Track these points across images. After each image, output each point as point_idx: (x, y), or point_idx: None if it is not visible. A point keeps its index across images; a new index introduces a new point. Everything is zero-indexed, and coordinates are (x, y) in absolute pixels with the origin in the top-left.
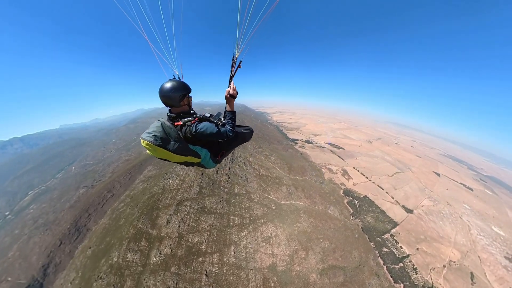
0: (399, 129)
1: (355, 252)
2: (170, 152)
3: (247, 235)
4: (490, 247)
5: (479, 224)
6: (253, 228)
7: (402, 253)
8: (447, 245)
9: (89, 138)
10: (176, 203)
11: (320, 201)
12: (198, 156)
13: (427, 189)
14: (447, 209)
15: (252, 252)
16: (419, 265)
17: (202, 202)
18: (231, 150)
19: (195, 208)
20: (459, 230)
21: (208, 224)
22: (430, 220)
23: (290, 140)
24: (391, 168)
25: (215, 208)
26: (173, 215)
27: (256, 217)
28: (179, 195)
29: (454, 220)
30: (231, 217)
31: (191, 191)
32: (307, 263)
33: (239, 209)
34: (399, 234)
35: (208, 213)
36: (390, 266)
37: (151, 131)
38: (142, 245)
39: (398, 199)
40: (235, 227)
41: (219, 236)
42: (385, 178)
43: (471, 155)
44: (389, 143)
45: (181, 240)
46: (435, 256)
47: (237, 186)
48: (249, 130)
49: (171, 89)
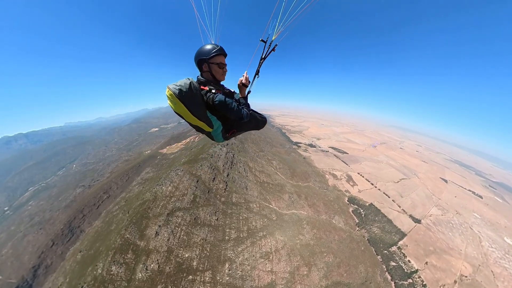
0: (403, 133)
1: (361, 267)
2: (187, 111)
3: (244, 251)
4: (503, 261)
5: (490, 235)
6: (251, 242)
7: (410, 267)
8: (457, 257)
9: (92, 137)
10: (166, 213)
11: (324, 210)
12: (211, 126)
13: (435, 197)
14: (456, 218)
15: (249, 269)
16: (429, 281)
17: (196, 213)
18: (242, 132)
19: (187, 220)
20: (469, 241)
21: (200, 238)
22: (439, 230)
23: (293, 143)
24: (396, 174)
25: (210, 220)
26: (163, 227)
27: (254, 230)
28: (171, 204)
29: (464, 230)
30: (227, 230)
31: (184, 200)
32: (309, 280)
33: (236, 221)
34: (407, 247)
35: (202, 226)
36: (398, 282)
37: (178, 84)
38: (128, 257)
39: (405, 208)
40: (231, 242)
41: (213, 252)
42: (391, 185)
43: (478, 160)
44: (393, 147)
45: (170, 255)
46: (445, 270)
47: (235, 194)
48: (263, 118)
49: (195, 55)
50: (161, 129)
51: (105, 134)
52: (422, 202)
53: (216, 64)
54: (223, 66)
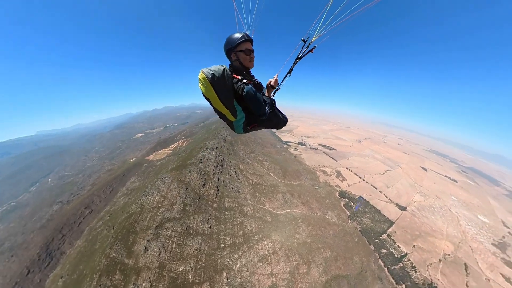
0: (386, 128)
1: (356, 258)
2: (216, 96)
3: (241, 257)
4: (479, 236)
5: (466, 215)
6: (248, 247)
7: (400, 252)
8: (440, 238)
9: (69, 146)
10: (155, 226)
11: (317, 206)
12: (235, 115)
13: (417, 184)
14: (436, 202)
15: (248, 275)
16: (417, 262)
17: (187, 223)
18: (262, 127)
19: (178, 231)
20: (449, 222)
21: (194, 249)
22: (423, 215)
23: (284, 142)
24: (382, 166)
25: (202, 229)
26: (152, 241)
27: (250, 234)
28: (159, 215)
29: (444, 213)
30: (222, 237)
31: (173, 210)
32: (310, 277)
33: (231, 226)
34: (395, 233)
35: (194, 235)
36: (390, 267)
37: (213, 69)
38: (116, 279)
39: (391, 197)
40: (227, 249)
41: (209, 262)
42: (378, 177)
43: (451, 149)
44: (377, 142)
45: (163, 271)
46: (430, 251)
47: (227, 199)
48: (285, 118)
49: (223, 46)
50: (147, 135)
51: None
52: (406, 191)
53: (242, 51)
54: (249, 53)
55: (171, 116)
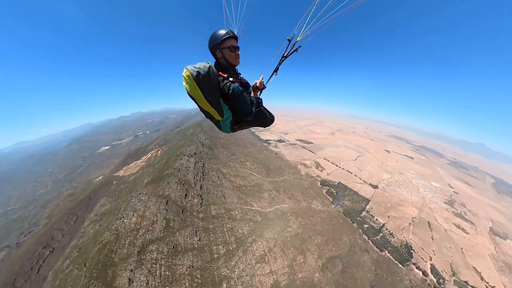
0: (353, 120)
1: (344, 237)
2: (202, 95)
3: (238, 263)
4: (434, 198)
5: (423, 183)
6: (243, 251)
7: (379, 224)
8: (407, 206)
9: (11, 171)
10: (137, 251)
11: (302, 198)
12: (222, 115)
13: (383, 165)
14: (400, 177)
15: (249, 279)
16: (393, 229)
17: (173, 240)
18: (249, 126)
19: (164, 252)
20: (412, 192)
21: (186, 267)
22: (391, 190)
23: (264, 141)
24: (353, 153)
25: (192, 243)
26: (136, 270)
27: (243, 237)
28: (140, 239)
29: (407, 185)
30: (214, 247)
31: (155, 230)
32: (307, 265)
33: (221, 234)
34: (372, 209)
35: (184, 252)
36: (373, 238)
37: (197, 66)
38: None
39: (364, 179)
40: (222, 258)
41: (205, 277)
42: (351, 163)
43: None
44: (348, 132)
45: None
46: (402, 218)
47: (213, 206)
48: (272, 117)
49: (208, 43)
50: (114, 147)
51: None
52: (375, 171)
53: (227, 48)
54: (234, 49)
55: (141, 123)
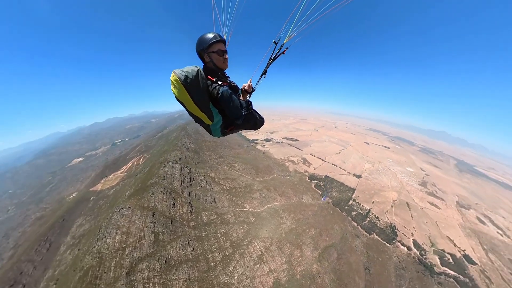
0: (335, 116)
1: (336, 226)
2: (190, 99)
3: (236, 267)
4: (410, 181)
5: (399, 169)
6: (240, 254)
7: (365, 210)
8: (388, 190)
9: None
10: (125, 273)
11: (293, 194)
12: (212, 119)
13: (364, 156)
14: (380, 166)
15: (249, 282)
16: (378, 213)
17: (165, 254)
18: (240, 129)
19: (156, 268)
20: (391, 178)
21: (183, 280)
22: (373, 178)
23: (251, 141)
24: (337, 147)
25: (185, 254)
26: None
27: (238, 241)
28: (127, 258)
29: (386, 172)
30: (209, 255)
31: (143, 246)
32: (305, 258)
33: (216, 240)
34: (358, 197)
35: (178, 266)
36: (362, 224)
37: (185, 70)
38: None
39: (349, 170)
40: (219, 266)
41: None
42: (335, 156)
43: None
44: (330, 128)
45: None
46: (384, 202)
47: (204, 213)
48: (262, 119)
49: (195, 47)
50: (88, 158)
51: None
52: (358, 162)
53: (215, 52)
54: (222, 53)
55: (118, 129)
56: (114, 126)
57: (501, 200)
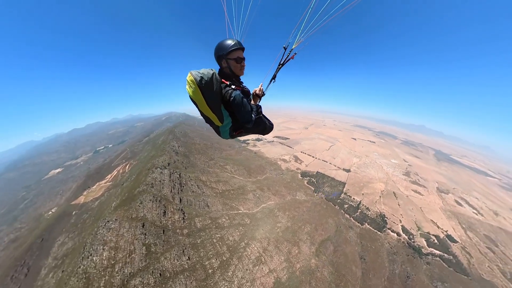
0: (322, 114)
1: (330, 220)
2: (203, 100)
3: (235, 272)
4: (395, 172)
5: (385, 162)
6: (238, 258)
7: (356, 202)
8: (376, 182)
9: None
10: None
11: (286, 192)
12: (222, 120)
13: (352, 151)
14: (367, 159)
15: (250, 285)
16: (368, 204)
17: (159, 267)
18: (249, 133)
19: (151, 283)
20: (378, 170)
21: None
22: (361, 171)
23: (242, 142)
24: (326, 144)
25: (181, 265)
26: None
27: (235, 244)
28: (118, 275)
29: (373, 165)
30: (206, 263)
31: (134, 260)
32: (303, 254)
33: (211, 246)
34: (349, 190)
35: (174, 277)
36: (354, 215)
37: (202, 72)
38: None
39: (338, 165)
40: (217, 272)
41: None
42: (325, 153)
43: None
44: (319, 126)
45: None
46: (373, 193)
47: (197, 218)
48: (271, 125)
49: (214, 51)
50: (68, 168)
51: None
52: (346, 157)
53: (233, 59)
54: (240, 61)
55: (101, 135)
56: (95, 132)
57: (474, 183)
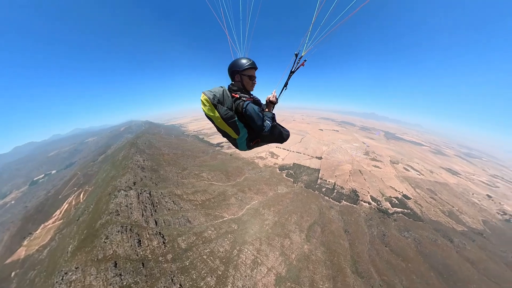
0: (292, 110)
1: (312, 205)
2: (219, 116)
3: (234, 282)
4: (358, 154)
5: (349, 146)
6: (234, 268)
7: (331, 184)
8: (344, 164)
9: None
10: None
11: (268, 188)
12: (238, 133)
13: (321, 140)
14: (334, 146)
15: None
16: (341, 184)
17: None
18: (265, 143)
19: None
20: (344, 154)
21: None
22: (331, 157)
23: (215, 145)
24: (298, 137)
25: None
26: None
27: (227, 254)
28: None
29: (340, 150)
30: (202, 283)
31: None
32: (295, 244)
33: (203, 264)
34: (323, 175)
35: None
36: (331, 196)
37: (213, 90)
38: None
39: (311, 154)
40: None
41: None
42: (298, 145)
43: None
44: (289, 121)
45: None
46: (343, 174)
47: (180, 238)
48: (287, 132)
49: (229, 66)
50: None
51: None
52: (317, 147)
53: (247, 76)
54: (253, 79)
55: (38, 160)
56: (29, 157)
57: (414, 153)
